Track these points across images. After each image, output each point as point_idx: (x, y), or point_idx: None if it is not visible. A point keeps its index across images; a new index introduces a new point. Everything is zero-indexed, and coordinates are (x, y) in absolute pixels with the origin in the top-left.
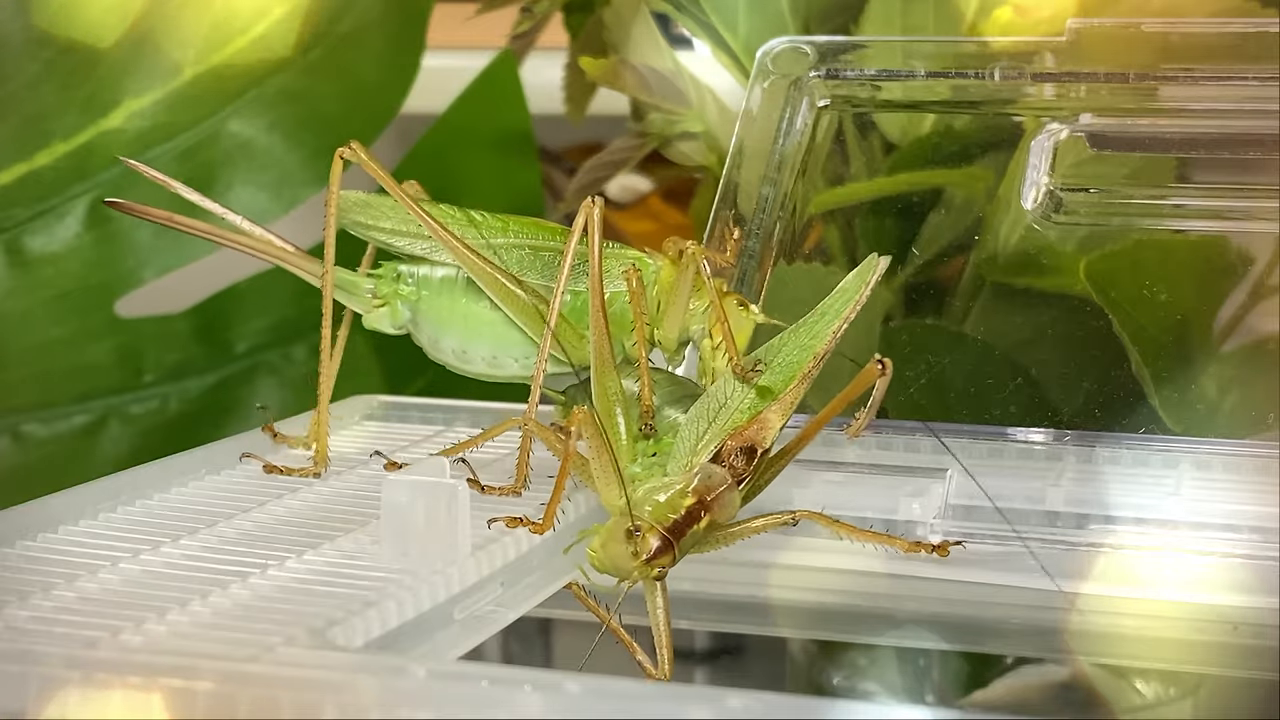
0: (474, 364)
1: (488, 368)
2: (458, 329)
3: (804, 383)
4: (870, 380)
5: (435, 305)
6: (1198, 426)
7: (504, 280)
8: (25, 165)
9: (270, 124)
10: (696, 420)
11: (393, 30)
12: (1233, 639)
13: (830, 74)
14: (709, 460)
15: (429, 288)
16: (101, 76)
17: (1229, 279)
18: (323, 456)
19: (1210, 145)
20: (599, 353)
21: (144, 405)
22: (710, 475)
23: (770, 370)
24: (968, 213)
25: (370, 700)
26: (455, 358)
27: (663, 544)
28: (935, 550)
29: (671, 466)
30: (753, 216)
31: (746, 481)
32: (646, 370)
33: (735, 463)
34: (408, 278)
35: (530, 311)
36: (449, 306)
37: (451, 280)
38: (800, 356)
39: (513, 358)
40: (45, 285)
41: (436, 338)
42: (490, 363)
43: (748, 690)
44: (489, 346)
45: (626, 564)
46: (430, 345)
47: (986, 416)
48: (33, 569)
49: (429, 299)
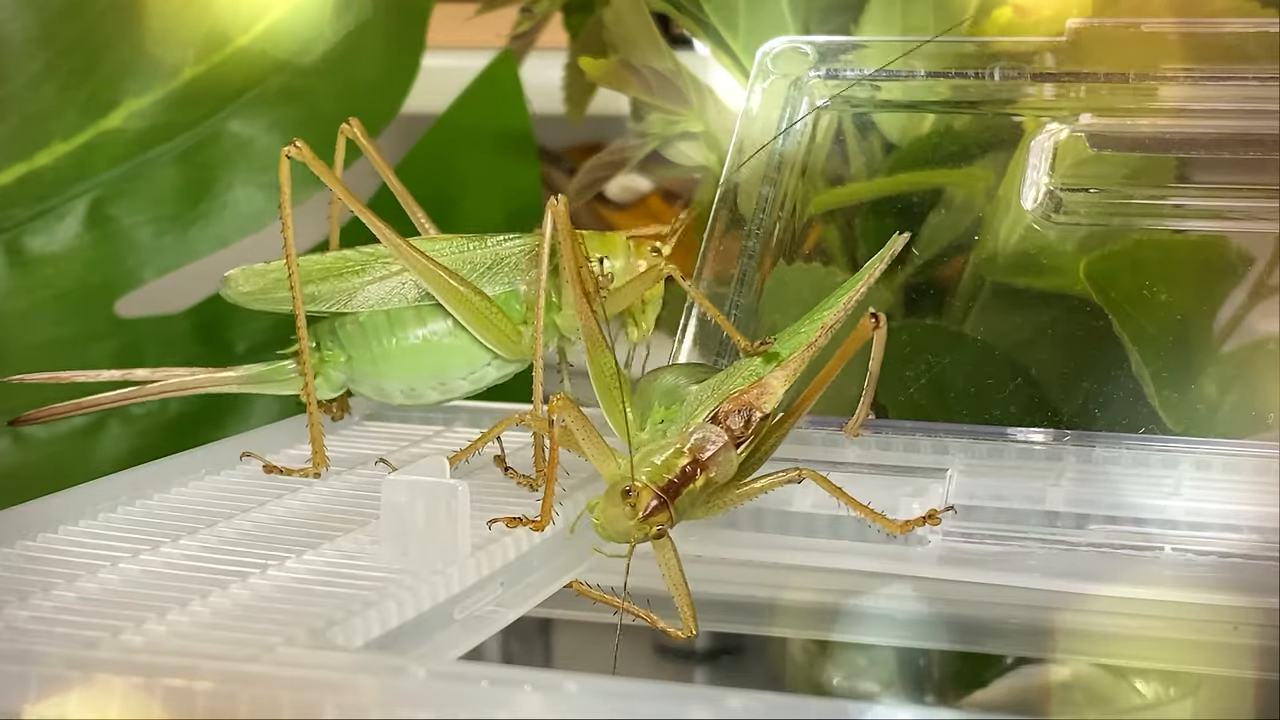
0: (426, 396)
1: (440, 394)
2: (395, 370)
3: (810, 350)
4: (865, 336)
5: (364, 355)
6: (1198, 426)
7: (454, 282)
8: (25, 165)
9: (270, 124)
10: (703, 389)
11: (393, 30)
12: (1233, 639)
13: (830, 74)
14: (707, 421)
15: (352, 341)
16: (101, 76)
17: (1229, 279)
18: (321, 457)
19: (1210, 145)
20: (589, 334)
21: (144, 405)
22: (705, 435)
23: (779, 340)
24: (968, 213)
25: (370, 700)
26: (405, 397)
27: (658, 502)
28: (926, 520)
29: (672, 431)
30: (753, 216)
31: (746, 444)
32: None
33: (733, 424)
34: (328, 341)
35: (480, 313)
36: (379, 352)
37: (371, 324)
38: (810, 327)
39: (459, 377)
40: (45, 285)
41: (380, 385)
42: (441, 389)
43: (748, 690)
44: (432, 375)
45: (625, 525)
46: (377, 394)
47: (986, 416)
48: (33, 569)
49: (357, 352)
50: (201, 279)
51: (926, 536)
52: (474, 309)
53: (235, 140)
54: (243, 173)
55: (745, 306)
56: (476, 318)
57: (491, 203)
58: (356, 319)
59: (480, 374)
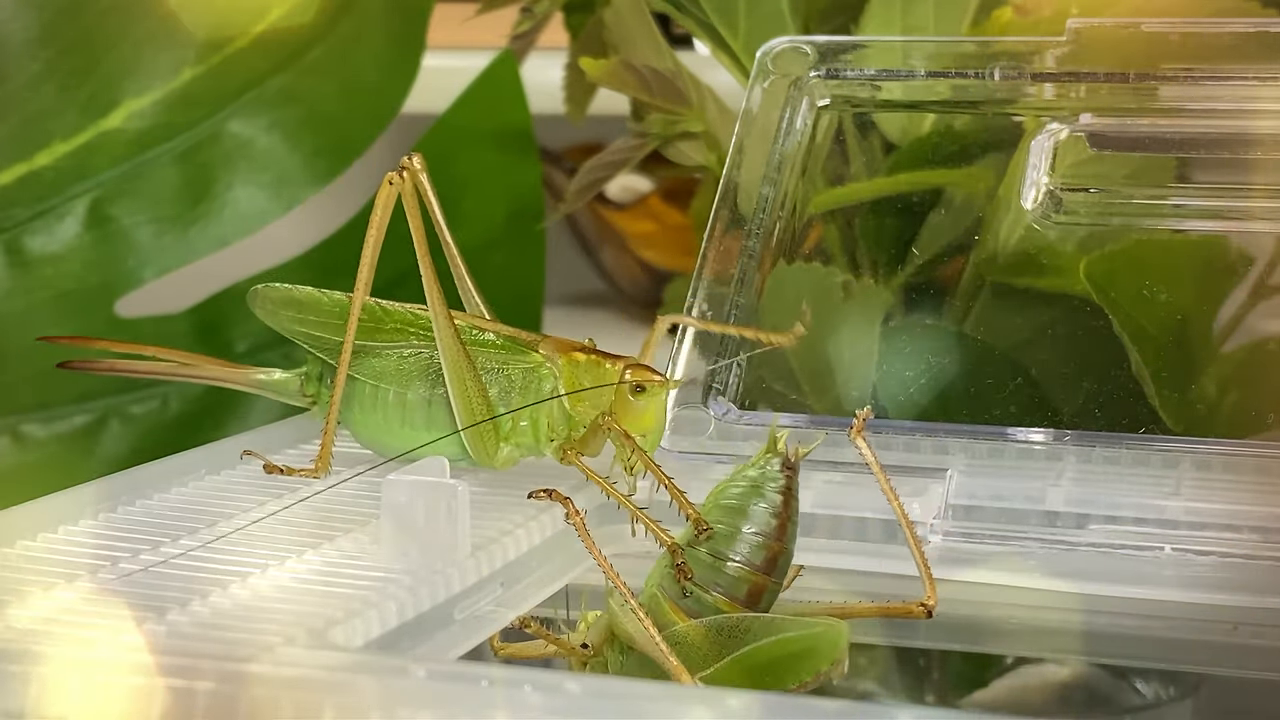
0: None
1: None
2: (364, 429)
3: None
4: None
5: (350, 418)
6: (1198, 426)
7: (467, 376)
8: (25, 165)
9: (270, 124)
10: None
11: (393, 30)
12: (1233, 639)
13: (830, 74)
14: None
15: (343, 398)
16: (101, 76)
17: (1229, 279)
18: (325, 462)
19: (1210, 145)
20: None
21: (144, 405)
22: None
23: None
24: (968, 213)
25: (370, 700)
26: (368, 447)
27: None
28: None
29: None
30: (753, 216)
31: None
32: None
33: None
34: (327, 380)
35: (472, 414)
36: (357, 411)
37: (361, 386)
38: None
39: (425, 452)
40: (45, 285)
41: (352, 429)
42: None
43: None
44: (398, 446)
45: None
46: (351, 432)
47: (986, 416)
48: (33, 569)
49: (344, 410)
50: (201, 279)
51: (927, 537)
52: (471, 409)
53: (235, 140)
54: (243, 173)
55: (745, 306)
56: (469, 418)
57: (492, 203)
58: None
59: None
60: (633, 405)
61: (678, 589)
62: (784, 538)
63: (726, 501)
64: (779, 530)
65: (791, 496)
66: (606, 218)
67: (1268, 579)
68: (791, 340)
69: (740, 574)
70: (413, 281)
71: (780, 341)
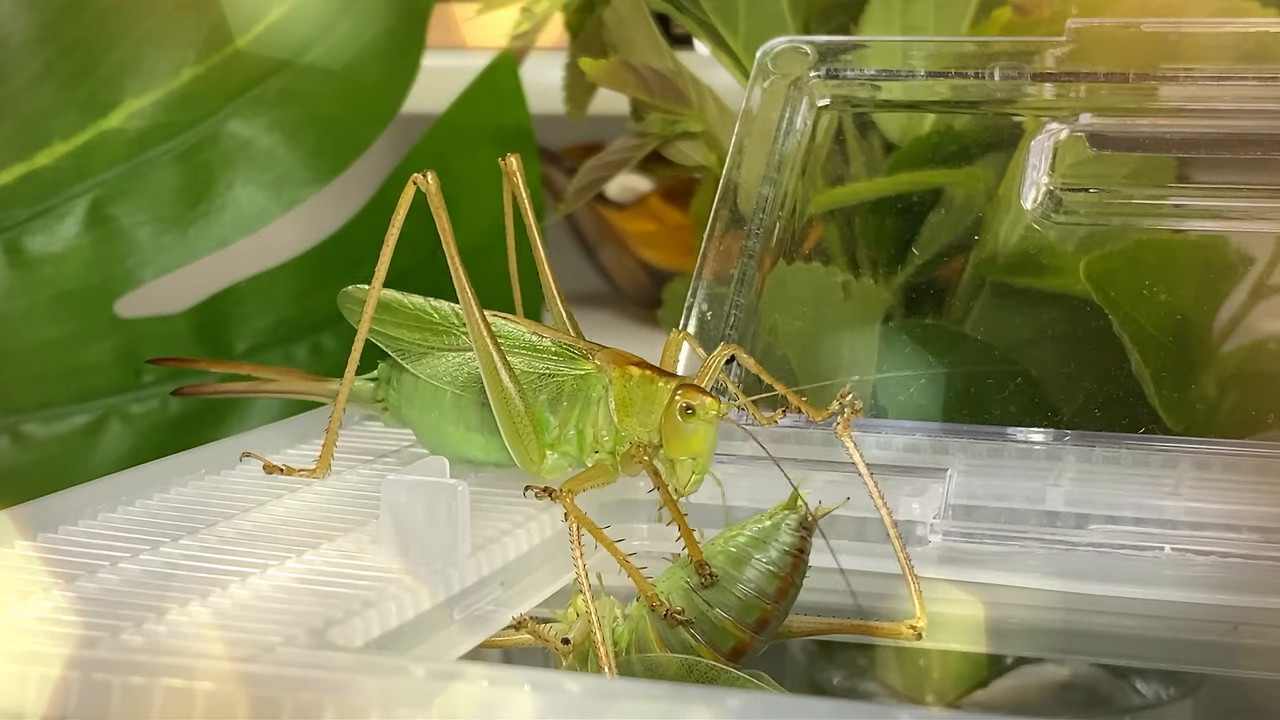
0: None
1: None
2: (427, 432)
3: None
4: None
5: (409, 408)
6: (1198, 426)
7: (506, 378)
8: (25, 165)
9: (270, 124)
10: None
11: (393, 30)
12: (1233, 639)
13: (830, 74)
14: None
15: (403, 390)
16: (101, 76)
17: (1229, 279)
18: (327, 463)
19: (1210, 145)
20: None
21: (144, 405)
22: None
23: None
24: (968, 213)
25: (370, 700)
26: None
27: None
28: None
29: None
30: (753, 216)
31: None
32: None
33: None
34: (394, 384)
35: (513, 421)
36: (418, 412)
37: (420, 386)
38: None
39: (481, 460)
40: (45, 285)
41: (417, 434)
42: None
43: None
44: (454, 451)
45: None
46: (416, 434)
47: (986, 416)
48: (33, 569)
49: (406, 402)
50: (201, 279)
51: (927, 536)
52: (510, 414)
53: (235, 140)
54: (243, 173)
55: (745, 306)
56: (508, 424)
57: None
58: (414, 376)
59: (497, 460)
60: (681, 426)
61: (663, 622)
62: (782, 601)
63: (734, 550)
64: (778, 594)
65: (802, 560)
66: (606, 217)
67: (1268, 579)
68: (823, 416)
69: (729, 628)
70: (413, 281)
71: (817, 418)
